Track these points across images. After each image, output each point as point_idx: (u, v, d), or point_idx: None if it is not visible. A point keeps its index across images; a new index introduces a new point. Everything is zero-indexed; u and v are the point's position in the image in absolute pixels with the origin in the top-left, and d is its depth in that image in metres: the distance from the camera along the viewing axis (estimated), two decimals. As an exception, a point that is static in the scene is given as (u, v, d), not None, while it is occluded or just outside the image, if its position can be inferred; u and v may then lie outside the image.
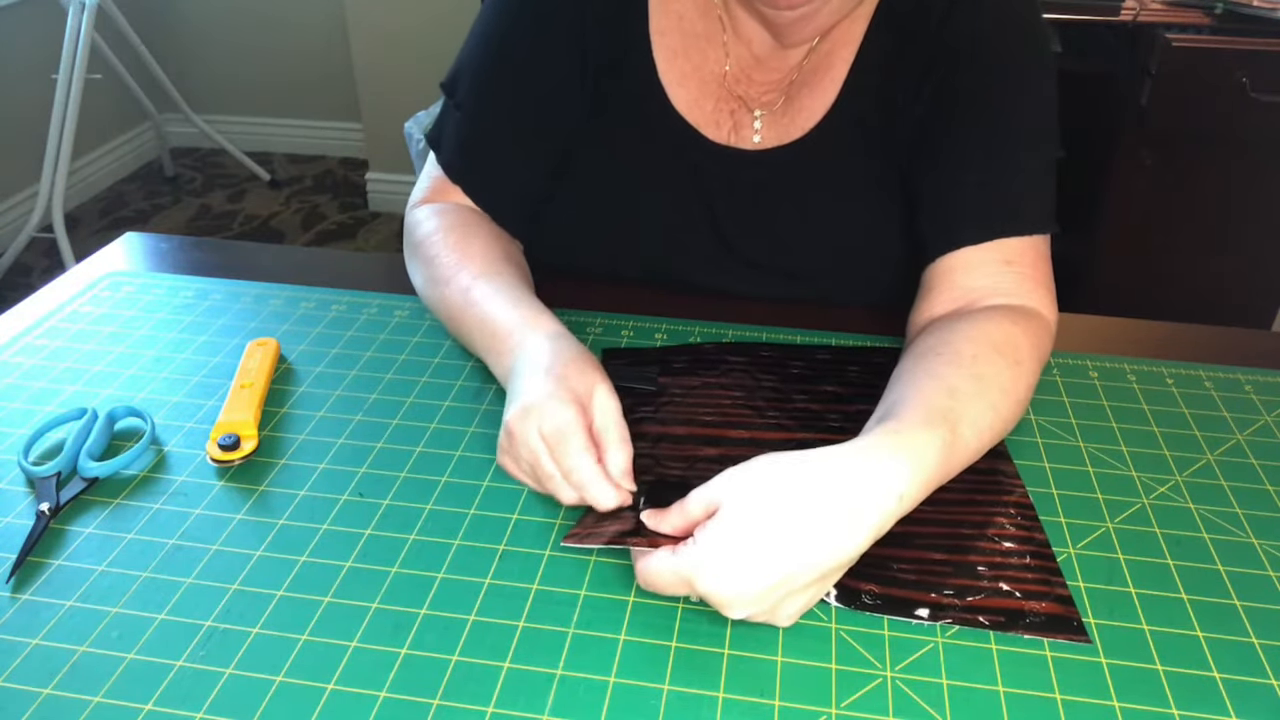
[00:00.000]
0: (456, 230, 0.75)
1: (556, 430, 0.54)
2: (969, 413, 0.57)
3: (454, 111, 0.79)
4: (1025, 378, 0.63)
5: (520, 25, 0.76)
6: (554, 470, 0.55)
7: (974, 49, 0.71)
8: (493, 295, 0.67)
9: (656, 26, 0.76)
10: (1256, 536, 0.58)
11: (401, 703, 0.47)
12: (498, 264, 0.71)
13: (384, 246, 2.60)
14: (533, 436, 0.55)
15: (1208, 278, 1.79)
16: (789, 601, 0.49)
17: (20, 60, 2.54)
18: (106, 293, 0.82)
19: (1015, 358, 0.62)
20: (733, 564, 0.48)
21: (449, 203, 0.79)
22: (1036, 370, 0.64)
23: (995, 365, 0.61)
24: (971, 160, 0.71)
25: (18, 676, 0.49)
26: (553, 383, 0.57)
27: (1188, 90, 1.60)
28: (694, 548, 0.49)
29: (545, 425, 0.55)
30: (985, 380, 0.60)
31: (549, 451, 0.55)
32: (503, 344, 0.64)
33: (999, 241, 0.69)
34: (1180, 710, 0.48)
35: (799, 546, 0.48)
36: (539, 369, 0.59)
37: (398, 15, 2.42)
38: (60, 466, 0.61)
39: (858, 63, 0.74)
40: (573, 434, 0.54)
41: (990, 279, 0.69)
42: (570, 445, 0.54)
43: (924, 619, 0.52)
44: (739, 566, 0.48)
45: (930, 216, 0.73)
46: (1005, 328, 0.64)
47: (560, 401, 0.55)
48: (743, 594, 0.48)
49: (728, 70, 0.76)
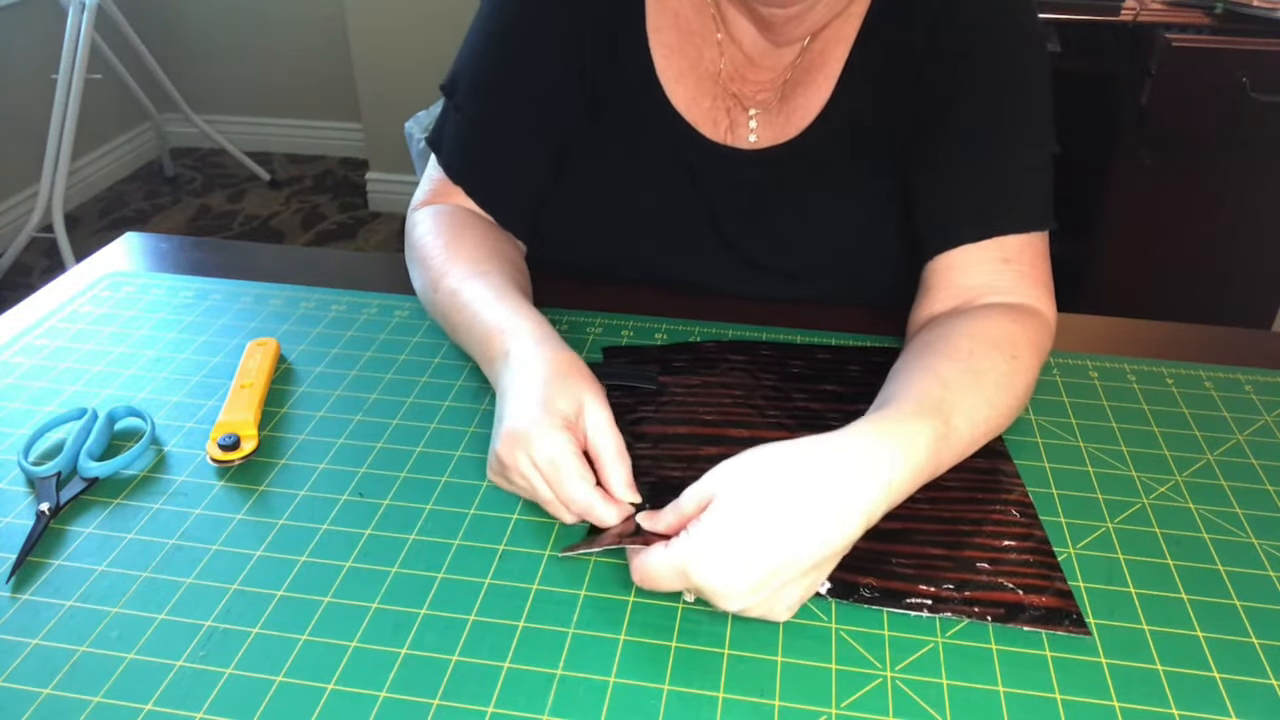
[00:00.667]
0: (448, 231, 0.75)
1: (549, 460, 0.54)
2: (963, 405, 0.57)
3: (454, 113, 0.79)
4: (1023, 373, 0.63)
5: (518, 25, 0.76)
6: (551, 496, 0.55)
7: (967, 47, 0.71)
8: (477, 296, 0.67)
9: (654, 24, 0.76)
10: (1256, 536, 0.58)
11: (401, 703, 0.47)
12: (484, 262, 0.71)
13: (384, 246, 2.60)
14: (524, 465, 0.55)
15: (1208, 278, 1.79)
16: (785, 592, 0.49)
17: (20, 60, 2.54)
18: (106, 293, 0.82)
19: (1012, 352, 0.62)
20: (726, 553, 0.48)
21: (448, 204, 0.79)
22: (1035, 366, 0.64)
23: (991, 359, 0.61)
24: (967, 158, 0.71)
25: (18, 676, 0.49)
26: (538, 408, 0.56)
27: (1188, 90, 1.60)
28: (687, 539, 0.49)
29: (536, 455, 0.54)
30: (980, 374, 0.60)
31: (544, 480, 0.55)
32: (489, 349, 0.64)
33: (996, 239, 0.69)
34: (1180, 710, 0.48)
35: (791, 533, 0.48)
36: (524, 389, 0.57)
37: (398, 15, 2.42)
38: (60, 466, 0.61)
39: (851, 60, 0.74)
40: (565, 462, 0.54)
41: (988, 277, 0.69)
42: (565, 475, 0.54)
43: (922, 612, 0.52)
44: (732, 555, 0.48)
45: (926, 215, 0.73)
46: (1002, 324, 0.64)
47: (549, 428, 0.54)
48: (737, 583, 0.48)
49: (722, 68, 0.76)
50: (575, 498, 0.54)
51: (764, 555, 0.48)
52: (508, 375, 0.60)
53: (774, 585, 0.49)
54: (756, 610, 0.50)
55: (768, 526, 0.48)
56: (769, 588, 0.49)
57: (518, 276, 0.73)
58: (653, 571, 0.50)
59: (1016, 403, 0.62)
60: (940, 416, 0.56)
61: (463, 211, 0.78)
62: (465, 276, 0.69)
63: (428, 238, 0.75)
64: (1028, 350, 0.64)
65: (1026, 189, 0.71)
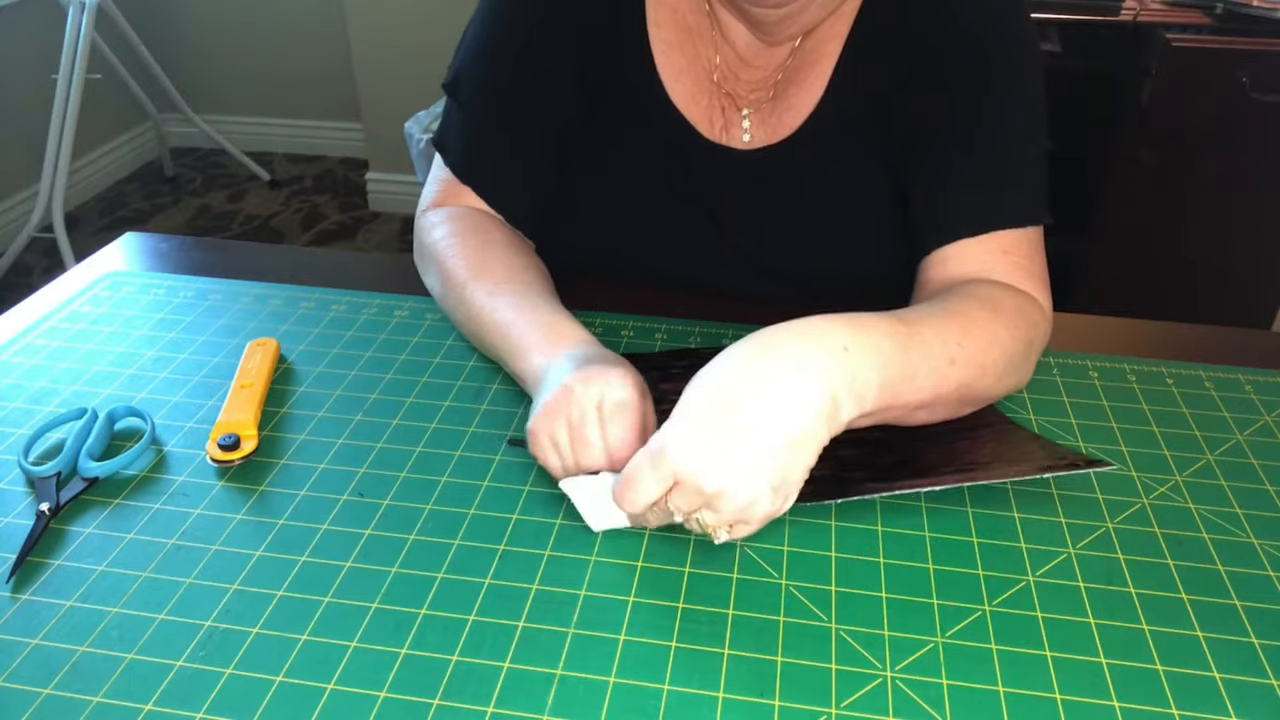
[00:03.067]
0: (474, 236, 0.75)
1: (618, 405, 0.56)
2: (933, 324, 0.59)
3: (458, 112, 0.79)
4: (1005, 327, 0.62)
5: (517, 21, 0.77)
6: (597, 440, 0.56)
7: (959, 43, 0.71)
8: (521, 304, 0.67)
9: (653, 19, 0.76)
10: (1256, 536, 0.58)
11: (401, 703, 0.47)
12: (521, 273, 0.72)
13: (384, 246, 2.60)
14: (589, 402, 0.56)
15: (1207, 278, 1.79)
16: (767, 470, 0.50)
17: (20, 60, 2.54)
18: (106, 293, 0.82)
19: (992, 306, 0.63)
20: (699, 428, 0.50)
21: (461, 206, 0.79)
22: (1021, 334, 0.64)
23: (966, 304, 0.62)
24: (962, 155, 0.71)
25: (18, 676, 0.49)
26: (617, 364, 0.58)
27: (1188, 90, 1.60)
28: (662, 429, 0.51)
29: (609, 397, 0.56)
30: (953, 313, 0.61)
31: (598, 421, 0.56)
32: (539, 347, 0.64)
33: (993, 234, 0.70)
34: (1180, 710, 0.48)
35: (757, 400, 0.50)
36: (596, 354, 0.60)
37: (398, 15, 2.42)
38: (60, 466, 0.61)
39: (843, 58, 0.74)
40: (630, 413, 0.56)
41: (982, 264, 0.70)
42: (625, 422, 0.56)
43: (919, 486, 0.52)
44: (705, 428, 0.50)
45: (922, 212, 0.73)
46: (986, 288, 0.66)
47: (626, 383, 0.56)
48: (714, 458, 0.49)
49: (717, 65, 0.76)
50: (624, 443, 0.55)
51: (736, 421, 0.50)
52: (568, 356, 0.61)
53: (751, 459, 0.50)
54: (744, 494, 0.50)
55: (734, 397, 0.50)
56: (748, 465, 0.50)
57: (552, 287, 0.73)
58: (635, 474, 0.51)
59: (999, 353, 0.61)
60: (904, 322, 0.57)
61: (479, 214, 0.78)
62: (501, 283, 0.70)
63: (449, 240, 0.75)
64: (1013, 314, 0.64)
65: (1022, 184, 0.71)
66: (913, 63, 0.72)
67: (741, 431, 0.50)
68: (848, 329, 0.54)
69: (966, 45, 0.71)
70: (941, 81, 0.72)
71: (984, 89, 0.71)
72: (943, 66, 0.71)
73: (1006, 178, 0.71)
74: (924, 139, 0.72)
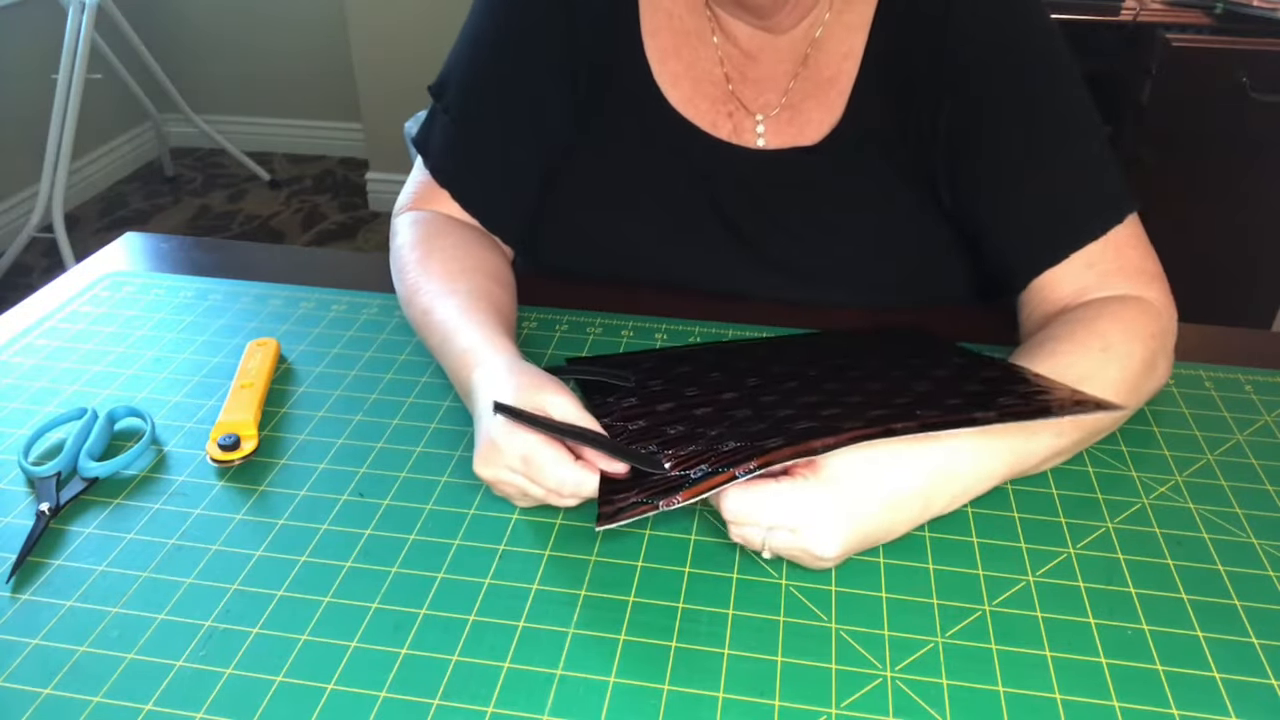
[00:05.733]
0: (423, 244, 0.74)
1: (521, 459, 0.54)
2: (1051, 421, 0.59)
3: (441, 115, 0.79)
4: (1118, 360, 0.62)
5: (508, 28, 0.76)
6: (543, 491, 0.55)
7: (984, 53, 0.69)
8: (447, 318, 0.66)
9: (648, 27, 0.76)
10: (1256, 536, 0.58)
11: (401, 703, 0.47)
12: (456, 278, 0.70)
13: (384, 246, 2.56)
14: (504, 474, 0.55)
15: (1207, 278, 1.79)
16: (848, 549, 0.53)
17: (20, 60, 2.54)
18: (106, 293, 0.82)
19: (1102, 346, 0.63)
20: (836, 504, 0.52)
21: (429, 210, 0.79)
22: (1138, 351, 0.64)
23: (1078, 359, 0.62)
24: (1022, 173, 0.70)
25: (18, 676, 0.49)
26: (500, 422, 0.56)
27: (1188, 90, 1.60)
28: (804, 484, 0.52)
29: (509, 459, 0.55)
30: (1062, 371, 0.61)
31: (527, 479, 0.55)
32: (460, 377, 0.64)
33: (1077, 253, 0.69)
34: (1180, 710, 0.47)
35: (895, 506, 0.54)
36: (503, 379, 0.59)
37: (398, 15, 2.42)
38: (60, 466, 0.61)
39: (863, 75, 0.73)
40: (537, 453, 0.54)
41: (1076, 287, 0.69)
42: (543, 463, 0.54)
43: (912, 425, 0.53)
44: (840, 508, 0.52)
45: (1000, 248, 0.73)
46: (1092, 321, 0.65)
47: (511, 432, 0.55)
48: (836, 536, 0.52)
49: (725, 72, 0.76)
50: (563, 479, 0.54)
51: (866, 516, 0.52)
52: (477, 404, 0.60)
53: (854, 546, 0.53)
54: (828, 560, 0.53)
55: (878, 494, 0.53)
56: (851, 548, 0.53)
57: (494, 290, 0.71)
58: (754, 501, 0.52)
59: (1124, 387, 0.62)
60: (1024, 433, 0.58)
61: (440, 219, 0.78)
62: (437, 295, 0.69)
63: (404, 249, 0.75)
64: (1123, 338, 0.63)
65: (1089, 190, 0.70)
66: (937, 75, 0.71)
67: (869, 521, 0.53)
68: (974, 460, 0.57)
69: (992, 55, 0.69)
70: (975, 97, 0.70)
71: (1023, 101, 0.69)
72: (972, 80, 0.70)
73: (1073, 194, 0.69)
74: (973, 160, 0.71)
